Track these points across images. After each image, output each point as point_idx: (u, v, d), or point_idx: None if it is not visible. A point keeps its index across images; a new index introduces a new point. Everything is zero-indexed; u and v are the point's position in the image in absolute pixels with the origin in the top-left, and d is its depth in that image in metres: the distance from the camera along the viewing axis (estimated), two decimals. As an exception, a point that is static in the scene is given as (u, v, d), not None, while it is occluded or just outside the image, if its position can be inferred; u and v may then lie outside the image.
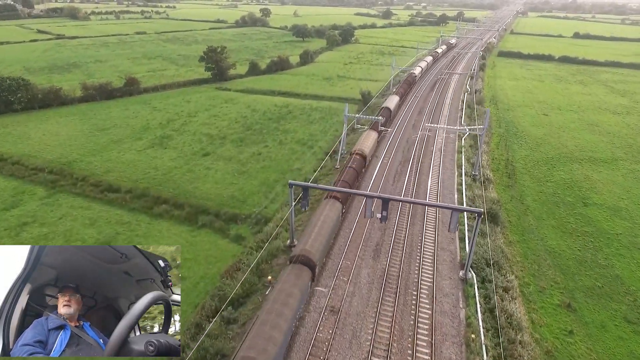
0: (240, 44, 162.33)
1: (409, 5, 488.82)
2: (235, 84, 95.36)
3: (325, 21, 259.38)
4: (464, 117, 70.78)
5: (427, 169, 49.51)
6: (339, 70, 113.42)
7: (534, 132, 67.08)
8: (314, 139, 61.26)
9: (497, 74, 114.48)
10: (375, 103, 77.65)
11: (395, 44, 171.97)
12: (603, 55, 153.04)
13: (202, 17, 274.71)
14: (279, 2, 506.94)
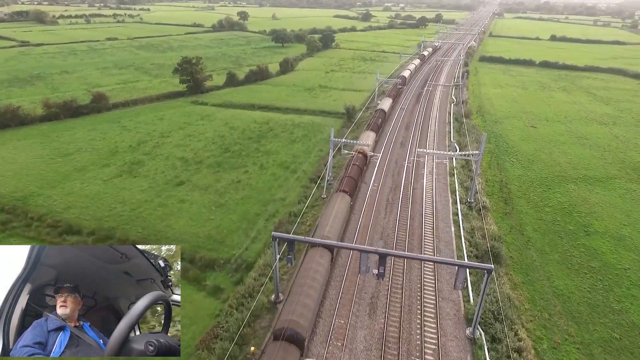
0: (218, 50, 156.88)
1: (388, 7, 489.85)
2: (212, 97, 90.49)
3: (305, 24, 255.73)
4: (453, 133, 68.12)
5: (419, 196, 46.27)
6: (321, 79, 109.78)
7: (524, 147, 64.92)
8: (297, 161, 57.33)
9: (480, 81, 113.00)
10: (361, 117, 74.35)
11: (376, 48, 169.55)
12: (581, 59, 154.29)
13: (178, 20, 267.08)
14: (257, 4, 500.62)
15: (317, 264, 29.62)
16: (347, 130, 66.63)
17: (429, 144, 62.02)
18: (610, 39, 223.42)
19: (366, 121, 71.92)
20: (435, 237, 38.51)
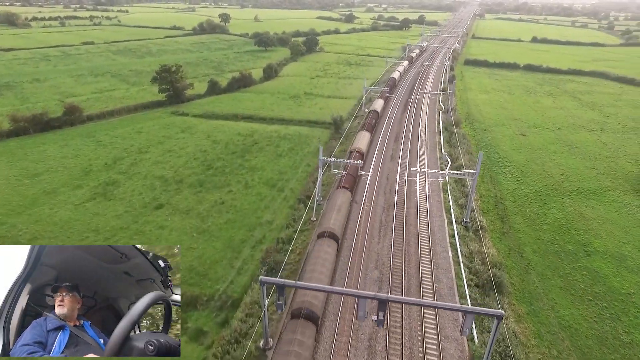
0: (199, 55, 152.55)
1: (370, 8, 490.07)
2: (194, 107, 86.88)
3: (288, 27, 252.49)
4: (443, 143, 66.41)
5: (414, 216, 44.15)
6: (306, 85, 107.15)
7: (516, 157, 63.65)
8: (284, 178, 54.61)
9: (467, 86, 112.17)
10: (349, 128, 72.08)
11: (361, 52, 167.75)
12: (563, 62, 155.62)
13: (157, 23, 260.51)
14: (239, 5, 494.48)
15: (325, 252, 33.08)
16: (336, 144, 64.21)
17: (420, 156, 60.09)
18: (589, 40, 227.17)
19: (354, 132, 69.74)
20: (433, 265, 36.36)
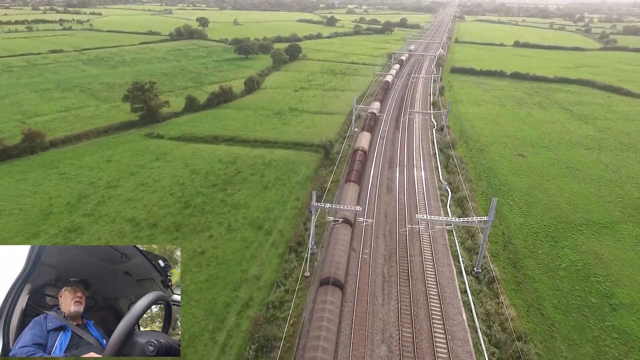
0: (176, 64, 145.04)
1: (351, 9, 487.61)
2: (170, 128, 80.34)
3: (268, 31, 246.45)
4: (441, 169, 62.13)
5: (419, 266, 39.45)
6: (290, 99, 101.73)
7: (517, 183, 59.92)
8: (271, 217, 49.19)
9: (457, 98, 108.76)
10: (340, 152, 67.11)
11: (345, 59, 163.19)
12: (549, 69, 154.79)
13: (132, 27, 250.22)
14: (217, 7, 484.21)
15: (342, 235, 39.64)
16: (327, 172, 59.16)
17: (418, 185, 55.52)
18: (569, 44, 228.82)
19: (345, 158, 64.87)
20: (448, 334, 31.66)
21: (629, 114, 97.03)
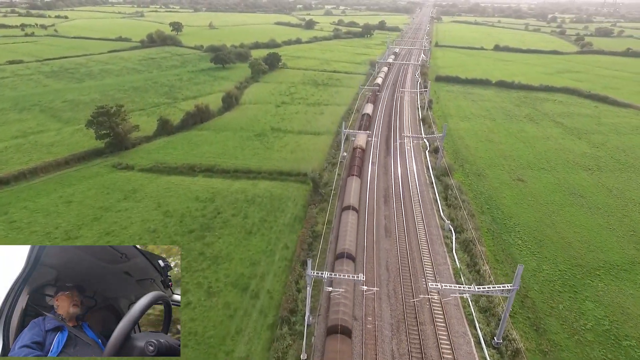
0: (148, 76, 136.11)
1: (329, 11, 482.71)
2: (141, 156, 72.81)
3: (245, 35, 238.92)
4: (440, 202, 57.32)
5: (432, 340, 34.22)
6: (272, 117, 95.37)
7: (522, 216, 55.74)
8: (257, 274, 43.12)
9: (445, 111, 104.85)
10: (329, 183, 61.44)
11: (326, 67, 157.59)
12: (531, 74, 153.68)
13: (101, 32, 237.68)
14: (191, 8, 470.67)
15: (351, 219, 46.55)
16: (320, 215, 53.40)
17: (418, 225, 50.40)
18: (547, 47, 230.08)
19: (336, 191, 59.29)
20: None
21: (619, 127, 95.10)
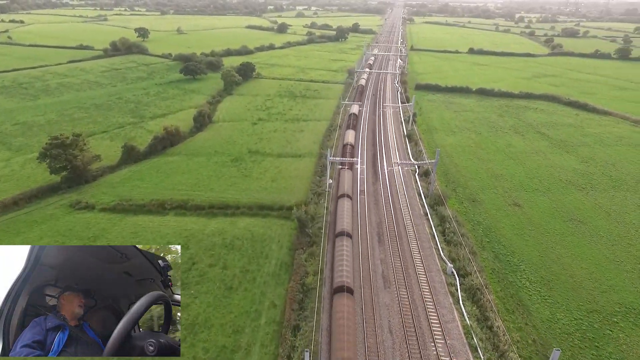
0: (112, 90, 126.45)
1: (301, 12, 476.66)
2: (103, 191, 65.00)
3: (216, 40, 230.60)
4: (439, 238, 52.80)
5: None
6: (248, 137, 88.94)
7: (525, 250, 52.05)
8: (242, 345, 37.18)
9: (430, 124, 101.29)
10: (322, 224, 55.94)
11: (303, 76, 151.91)
12: (508, 79, 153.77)
13: (60, 39, 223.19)
14: (159, 11, 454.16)
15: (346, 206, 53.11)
16: (309, 262, 47.74)
17: (420, 278, 45.52)
18: (520, 50, 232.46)
19: (325, 230, 53.81)
20: None
21: (604, 138, 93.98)
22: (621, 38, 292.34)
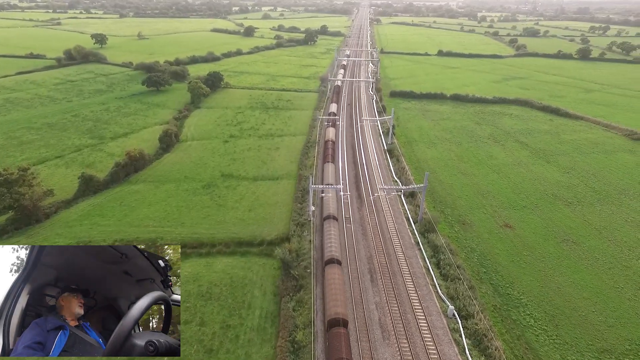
0: (66, 107, 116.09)
1: (267, 14, 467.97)
2: (57, 232, 57.40)
3: (180, 46, 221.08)
4: (435, 273, 49.23)
5: None
6: (220, 157, 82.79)
7: (524, 280, 49.51)
8: None
9: (408, 135, 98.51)
10: (311, 264, 51.12)
11: (274, 85, 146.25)
12: (480, 84, 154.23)
13: (8, 47, 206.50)
14: (117, 14, 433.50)
15: None
16: (298, 312, 42.82)
17: (421, 325, 41.61)
18: (486, 51, 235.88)
19: (313, 271, 49.09)
20: None
21: (580, 145, 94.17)
22: (579, 37, 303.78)
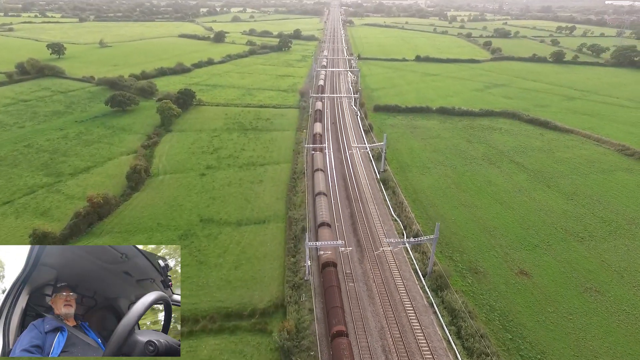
0: (18, 134, 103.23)
1: (237, 17, 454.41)
2: None
3: (146, 56, 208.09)
4: (459, 353, 42.88)
5: None
6: (197, 195, 73.84)
7: (555, 347, 44.17)
8: None
9: (400, 159, 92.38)
10: (308, 337, 43.61)
11: (250, 100, 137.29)
12: (464, 94, 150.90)
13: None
14: (76, 17, 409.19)
15: None
16: None
17: None
18: (464, 55, 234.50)
19: (316, 353, 41.68)
20: None
21: (577, 164, 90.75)
22: (548, 38, 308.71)
